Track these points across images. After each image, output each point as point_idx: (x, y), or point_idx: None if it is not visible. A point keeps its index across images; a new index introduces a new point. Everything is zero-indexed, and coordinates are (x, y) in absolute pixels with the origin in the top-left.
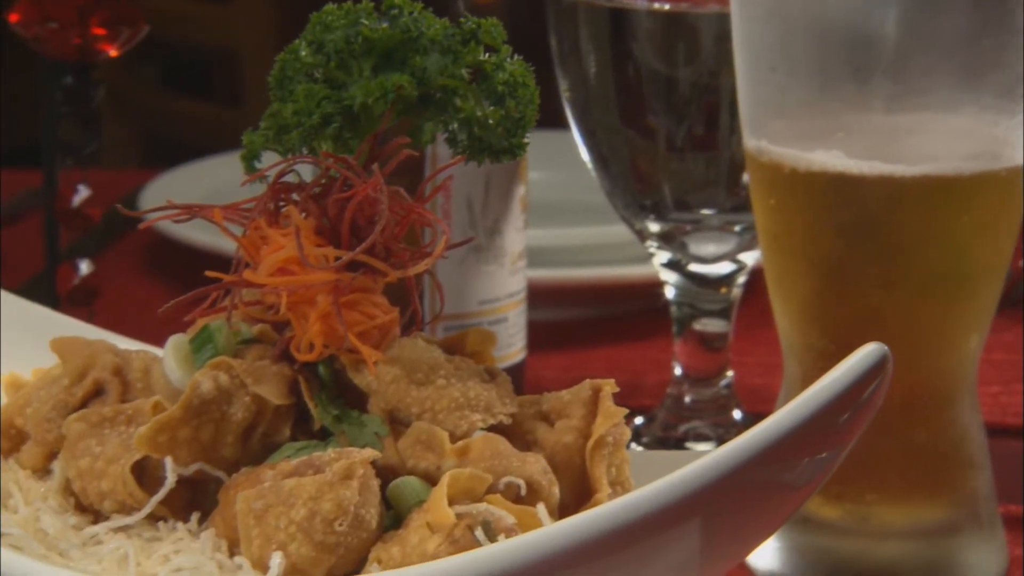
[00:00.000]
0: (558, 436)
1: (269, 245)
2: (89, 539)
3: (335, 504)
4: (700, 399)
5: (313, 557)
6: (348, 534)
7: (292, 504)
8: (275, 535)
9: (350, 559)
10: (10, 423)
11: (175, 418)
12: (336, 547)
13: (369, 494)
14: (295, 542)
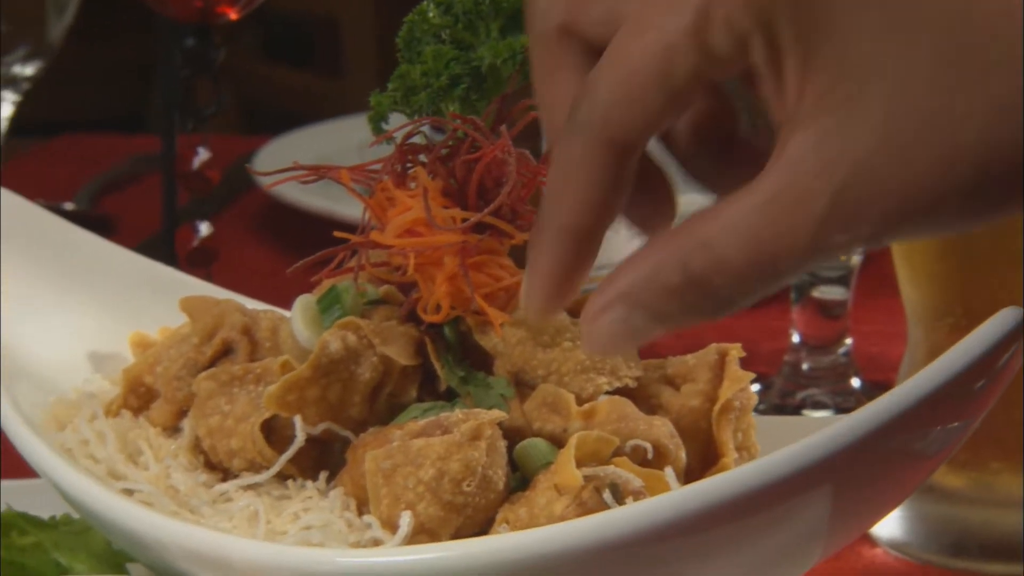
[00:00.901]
0: (684, 400)
1: (396, 207)
2: (219, 496)
3: (463, 464)
4: (818, 367)
5: (441, 517)
6: (476, 495)
7: (420, 464)
8: (403, 495)
9: (477, 520)
10: (139, 381)
11: (304, 377)
12: (464, 507)
13: (496, 455)
14: (423, 502)
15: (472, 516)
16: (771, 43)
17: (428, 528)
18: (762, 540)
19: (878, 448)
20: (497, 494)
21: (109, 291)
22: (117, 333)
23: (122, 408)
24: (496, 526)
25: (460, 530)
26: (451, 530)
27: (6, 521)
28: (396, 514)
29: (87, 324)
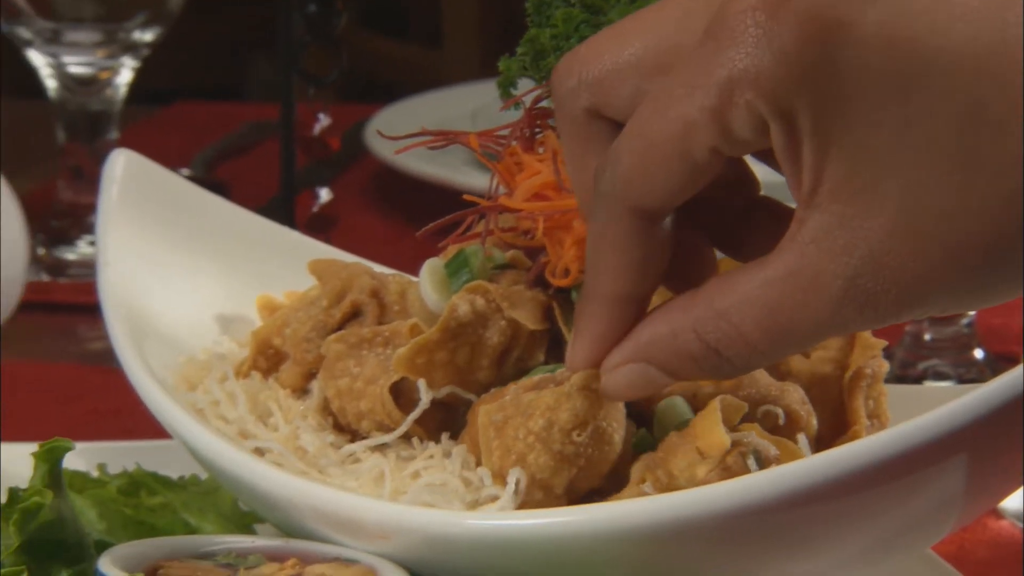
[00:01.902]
0: (814, 367)
1: (524, 171)
2: (347, 457)
3: (572, 414)
4: (940, 337)
5: (552, 467)
6: (588, 445)
7: (530, 415)
8: (514, 446)
9: (593, 472)
10: (267, 343)
11: (433, 340)
12: (575, 457)
13: (612, 408)
14: (533, 452)
15: (586, 468)
16: (791, 130)
17: (540, 479)
18: (896, 509)
19: (1015, 419)
20: (612, 446)
21: (235, 254)
22: (243, 296)
23: (252, 369)
24: (636, 485)
25: (574, 482)
26: (563, 480)
27: (136, 480)
28: (507, 466)
29: (214, 286)
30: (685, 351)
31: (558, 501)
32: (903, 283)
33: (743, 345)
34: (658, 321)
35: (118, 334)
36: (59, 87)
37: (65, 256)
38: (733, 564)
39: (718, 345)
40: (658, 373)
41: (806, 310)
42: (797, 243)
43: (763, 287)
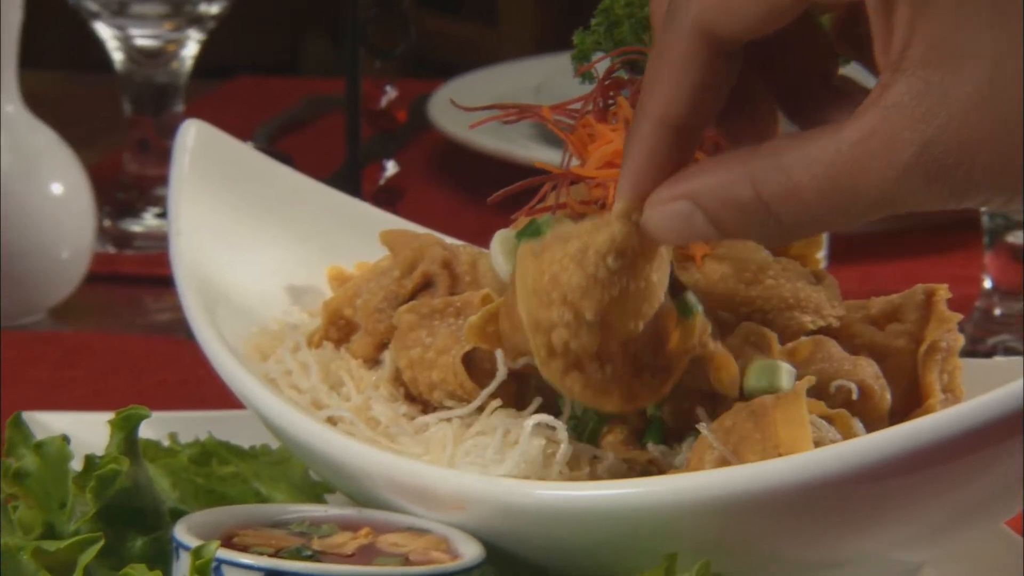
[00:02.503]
0: (889, 340)
1: (597, 140)
2: (420, 428)
3: (609, 238)
4: (1011, 312)
5: (583, 287)
6: (622, 275)
7: (568, 241)
8: (548, 268)
9: (627, 312)
10: (339, 314)
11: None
12: (608, 284)
13: (655, 255)
14: (567, 272)
15: (619, 302)
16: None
17: (570, 301)
18: (970, 483)
19: None
20: (650, 289)
21: (305, 224)
22: (313, 266)
23: (323, 340)
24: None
25: (608, 317)
26: (593, 304)
27: (207, 450)
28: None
29: (284, 256)
30: (735, 199)
31: (590, 334)
32: (977, 160)
33: (797, 202)
34: (714, 165)
35: (191, 304)
36: (125, 60)
37: (131, 228)
38: (806, 538)
39: (771, 199)
40: (703, 220)
41: (871, 175)
42: (878, 107)
43: (833, 148)
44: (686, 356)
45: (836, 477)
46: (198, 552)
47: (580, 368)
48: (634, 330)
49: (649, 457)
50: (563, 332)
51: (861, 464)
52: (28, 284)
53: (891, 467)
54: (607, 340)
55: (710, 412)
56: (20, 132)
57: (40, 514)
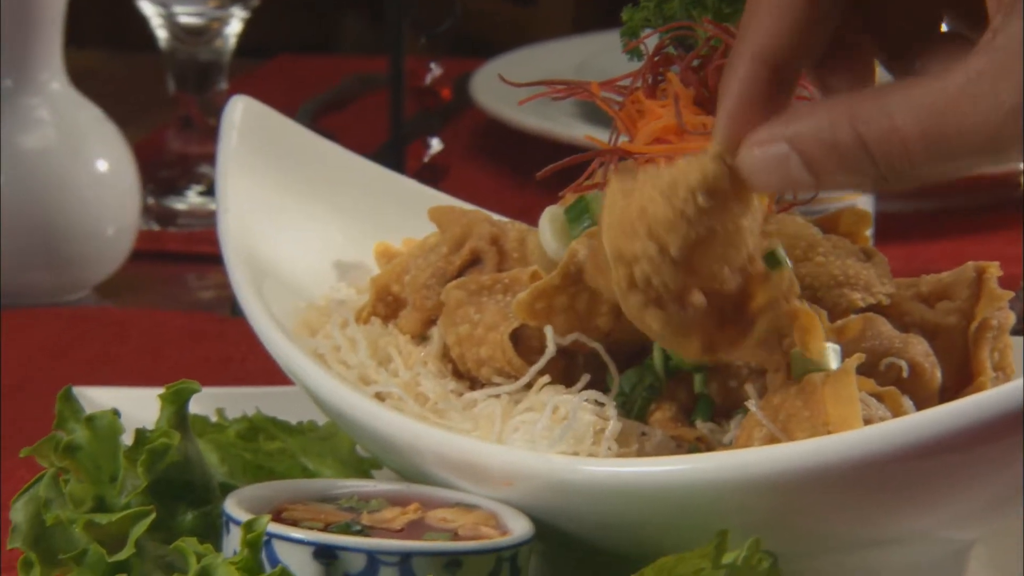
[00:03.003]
0: (939, 318)
1: (645, 117)
2: (468, 403)
3: (702, 174)
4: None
5: (670, 221)
6: (711, 214)
7: (659, 176)
8: (637, 201)
9: (713, 255)
10: (387, 290)
11: (553, 285)
12: (696, 222)
13: (748, 202)
14: (654, 204)
15: (707, 242)
16: None
17: (655, 234)
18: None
19: None
20: (739, 233)
21: (352, 201)
22: (361, 243)
23: (371, 316)
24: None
25: (694, 257)
26: (679, 240)
27: (255, 425)
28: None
29: (331, 233)
30: (833, 140)
31: (674, 270)
32: None
33: (897, 145)
34: (814, 109)
35: (239, 280)
36: (169, 37)
37: (174, 206)
38: (856, 516)
39: (871, 141)
40: (798, 164)
41: (976, 118)
42: (985, 51)
43: (938, 91)
44: (770, 312)
45: (886, 455)
46: (249, 526)
47: (661, 305)
48: (718, 274)
49: (697, 434)
50: (646, 265)
51: (911, 442)
52: (74, 261)
53: (941, 445)
54: (690, 281)
55: (759, 390)
56: (66, 109)
57: (91, 488)
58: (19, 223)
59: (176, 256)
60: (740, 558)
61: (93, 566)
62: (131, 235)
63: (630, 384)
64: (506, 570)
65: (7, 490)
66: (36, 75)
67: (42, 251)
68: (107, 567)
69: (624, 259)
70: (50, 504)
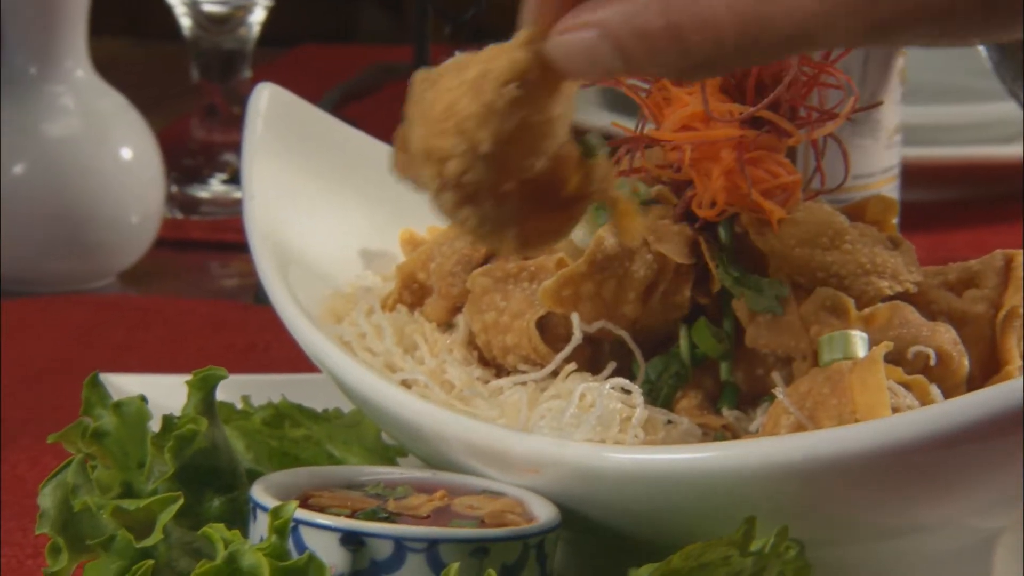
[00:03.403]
0: (967, 306)
1: (673, 104)
2: (494, 391)
3: (510, 63)
4: None
5: (480, 115)
6: (523, 106)
7: (466, 67)
8: (445, 96)
9: (526, 148)
10: (412, 278)
11: (579, 273)
12: (507, 114)
13: (560, 94)
14: (463, 100)
15: (518, 137)
16: None
17: (463, 129)
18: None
19: None
20: (550, 123)
21: (378, 188)
22: (386, 230)
23: (397, 303)
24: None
25: (505, 151)
26: (489, 134)
27: (280, 412)
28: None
29: (357, 220)
30: (644, 27)
31: (486, 166)
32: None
33: (711, 30)
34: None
35: (265, 267)
36: (193, 26)
37: (198, 194)
38: (883, 503)
39: (682, 25)
40: (609, 51)
41: (789, 5)
42: None
43: None
44: (587, 199)
45: (913, 443)
46: (276, 512)
47: (475, 202)
48: (532, 167)
49: (724, 422)
50: (457, 163)
51: (939, 430)
52: (98, 249)
53: (969, 433)
54: (503, 175)
55: (785, 377)
56: (90, 97)
57: (118, 474)
58: (44, 211)
59: (200, 244)
60: (768, 545)
61: (121, 552)
62: (155, 223)
63: (656, 372)
64: (532, 557)
65: (33, 477)
66: (61, 63)
67: (67, 239)
68: (134, 553)
69: (434, 157)
70: (78, 490)
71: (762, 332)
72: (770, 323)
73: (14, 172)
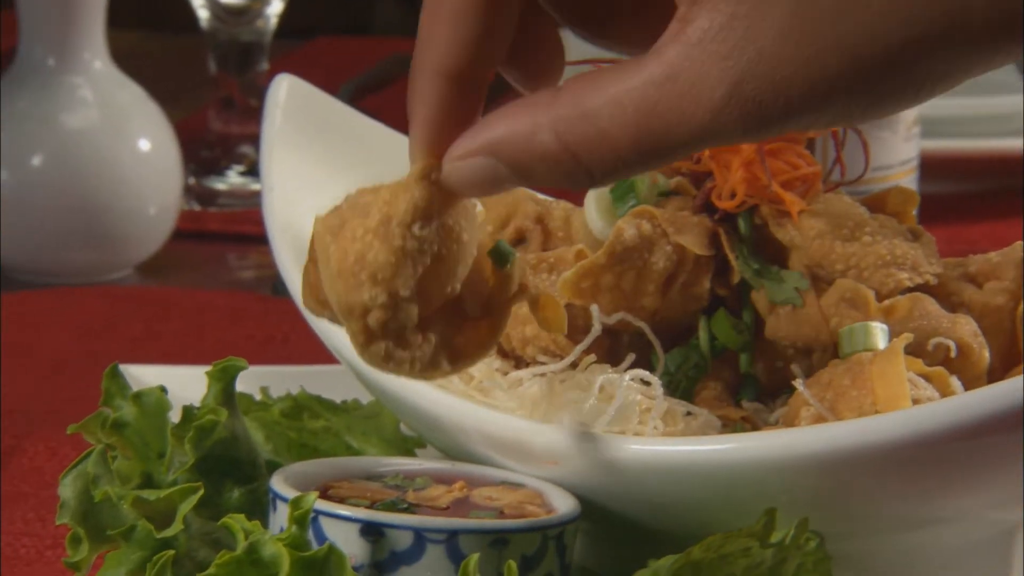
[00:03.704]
0: (987, 298)
1: None
2: (514, 383)
3: (411, 204)
4: None
5: (393, 264)
6: (433, 241)
7: (367, 214)
8: (351, 247)
9: (445, 273)
10: None
11: (599, 264)
12: (419, 254)
13: (461, 207)
14: (372, 250)
15: (435, 268)
16: None
17: (381, 280)
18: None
19: None
20: (462, 245)
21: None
22: None
23: None
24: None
25: (425, 285)
26: (408, 280)
27: (299, 404)
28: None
29: None
30: (540, 151)
31: (409, 308)
32: (794, 89)
33: (607, 150)
34: (514, 115)
35: (284, 258)
36: (211, 17)
37: (215, 186)
38: (903, 495)
39: (578, 148)
40: (507, 171)
41: (683, 116)
42: (680, 44)
43: (639, 89)
44: (510, 304)
45: (933, 435)
46: (296, 503)
47: (404, 344)
48: (452, 293)
49: (743, 414)
50: (379, 313)
51: (959, 422)
52: (116, 240)
53: (989, 425)
54: (425, 308)
55: (805, 369)
56: (109, 89)
57: (138, 464)
58: (61, 202)
59: (217, 236)
60: (788, 537)
61: (141, 542)
62: (172, 215)
63: (676, 363)
64: (552, 548)
65: (52, 468)
66: (79, 54)
67: (84, 230)
68: (154, 543)
69: (355, 313)
70: (98, 480)
71: (782, 324)
72: (790, 315)
73: (32, 163)
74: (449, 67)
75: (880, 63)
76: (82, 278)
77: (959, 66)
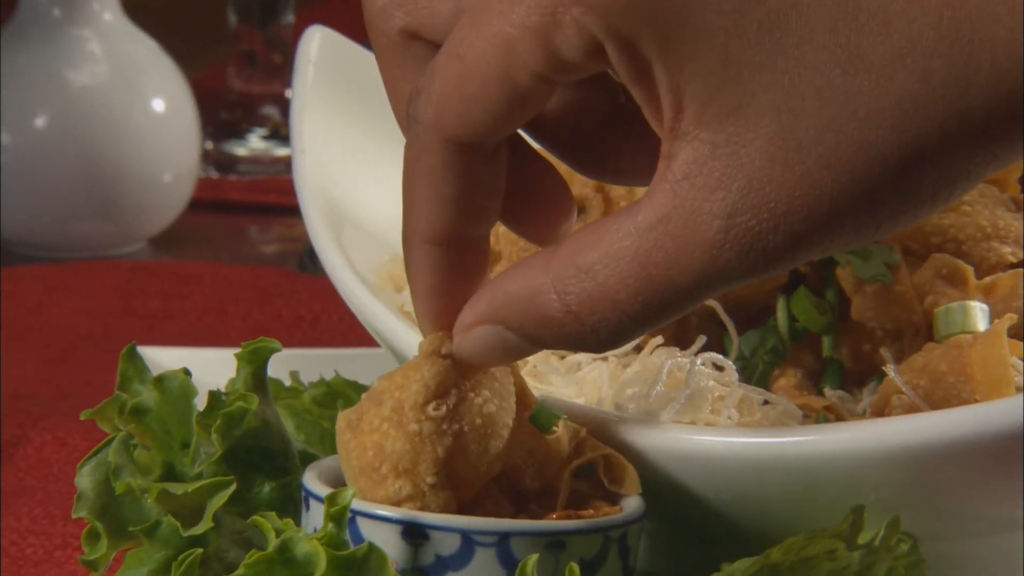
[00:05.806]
0: None
1: None
2: (572, 367)
3: (422, 385)
4: None
5: (410, 451)
6: (452, 420)
7: (381, 402)
8: (370, 440)
9: (476, 453)
10: None
11: None
12: (438, 436)
13: (487, 375)
14: (389, 440)
15: (461, 449)
16: (631, 49)
17: (402, 470)
18: None
19: None
20: (492, 419)
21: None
22: None
23: None
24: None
25: (455, 468)
26: (429, 467)
27: (333, 390)
28: (365, 466)
29: None
30: (542, 315)
31: (440, 494)
32: (791, 217)
33: (609, 308)
34: (515, 278)
35: (317, 229)
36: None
37: (235, 151)
38: (1003, 495)
39: (580, 309)
40: (515, 338)
41: (680, 259)
42: (667, 182)
43: (632, 238)
44: (566, 469)
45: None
46: (333, 499)
47: None
48: (488, 472)
49: (826, 403)
50: (409, 505)
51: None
52: (127, 210)
53: None
54: (464, 493)
55: (895, 353)
56: (119, 42)
57: (159, 455)
58: (68, 167)
59: (237, 206)
60: (878, 538)
61: (166, 540)
62: (189, 182)
63: (751, 347)
64: (614, 551)
65: (60, 460)
66: (87, 4)
67: (93, 199)
68: (181, 541)
69: None
70: (120, 471)
71: (870, 303)
72: (879, 293)
73: (35, 124)
74: (436, 233)
75: (878, 174)
76: (90, 252)
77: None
